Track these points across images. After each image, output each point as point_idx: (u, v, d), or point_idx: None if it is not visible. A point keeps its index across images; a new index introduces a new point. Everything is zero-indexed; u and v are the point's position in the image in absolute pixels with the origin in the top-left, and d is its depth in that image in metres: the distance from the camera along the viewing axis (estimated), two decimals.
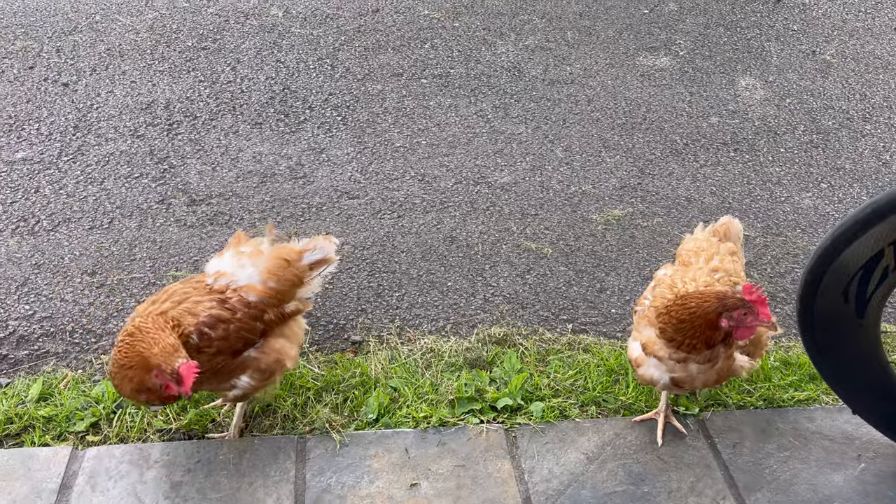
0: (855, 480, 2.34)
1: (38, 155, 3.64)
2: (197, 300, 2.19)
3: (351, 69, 4.45)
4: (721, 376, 2.24)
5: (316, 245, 2.42)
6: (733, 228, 2.58)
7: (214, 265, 2.33)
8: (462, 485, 2.27)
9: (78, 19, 4.76)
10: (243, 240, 2.41)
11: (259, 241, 2.39)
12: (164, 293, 2.24)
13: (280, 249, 2.36)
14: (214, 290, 2.24)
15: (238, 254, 2.32)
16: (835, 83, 4.59)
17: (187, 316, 2.15)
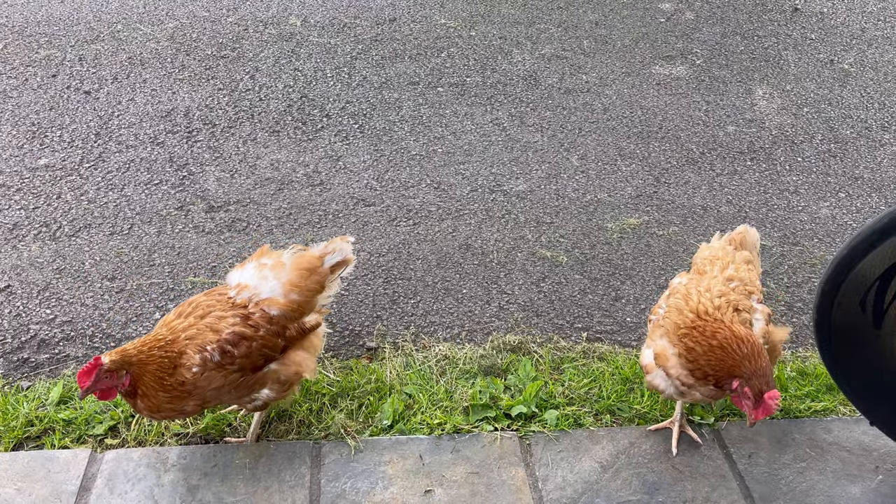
0: (872, 492, 2.32)
1: (60, 161, 3.70)
2: (220, 315, 2.20)
3: (368, 78, 4.49)
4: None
5: (335, 248, 2.43)
6: (750, 237, 2.57)
7: (236, 277, 2.33)
8: (476, 492, 2.27)
9: (100, 28, 4.84)
10: (266, 252, 2.41)
11: (280, 253, 2.39)
12: (189, 305, 2.25)
13: (301, 259, 2.36)
14: (237, 305, 2.24)
15: (260, 266, 2.33)
16: (853, 92, 4.56)
17: (208, 333, 2.17)
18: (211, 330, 2.16)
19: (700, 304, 2.25)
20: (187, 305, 2.25)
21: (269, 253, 2.40)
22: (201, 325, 2.17)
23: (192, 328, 2.17)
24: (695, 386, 2.20)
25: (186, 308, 2.23)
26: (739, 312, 2.28)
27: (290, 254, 2.37)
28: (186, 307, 2.24)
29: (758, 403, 2.04)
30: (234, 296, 2.26)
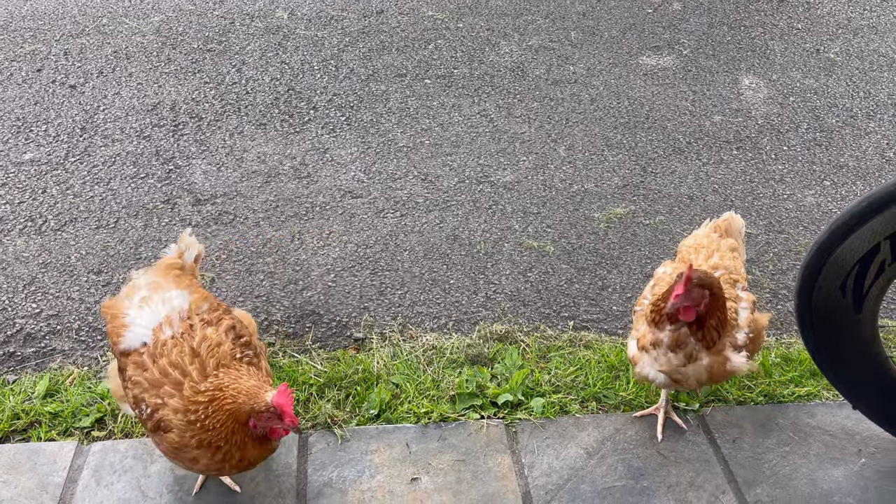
0: (855, 476, 2.34)
1: (45, 156, 3.69)
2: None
3: (355, 70, 4.48)
4: (715, 374, 2.24)
5: (188, 244, 2.27)
6: (735, 224, 2.58)
7: (146, 318, 2.06)
8: (462, 479, 2.29)
9: (85, 22, 4.81)
10: (135, 288, 2.16)
11: (144, 272, 2.20)
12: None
13: (166, 266, 2.20)
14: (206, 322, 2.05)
15: (148, 297, 2.10)
16: (839, 81, 4.58)
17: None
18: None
19: None
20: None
21: (137, 287, 2.14)
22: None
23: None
24: (661, 340, 2.20)
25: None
26: (727, 301, 2.29)
27: (148, 270, 2.20)
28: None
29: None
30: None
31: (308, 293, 3.02)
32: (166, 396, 1.92)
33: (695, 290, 2.09)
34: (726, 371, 2.24)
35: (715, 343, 2.19)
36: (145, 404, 1.94)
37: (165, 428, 1.91)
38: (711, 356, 2.20)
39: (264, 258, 3.18)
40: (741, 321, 2.28)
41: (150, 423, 1.94)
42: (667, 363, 2.22)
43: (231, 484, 2.22)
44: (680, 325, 2.17)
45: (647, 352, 2.25)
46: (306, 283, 3.07)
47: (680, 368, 2.22)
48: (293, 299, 2.99)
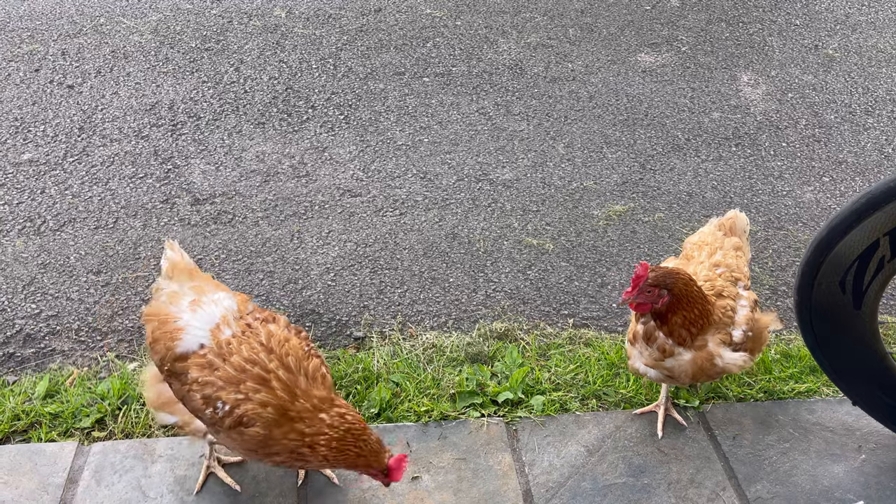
0: (855, 472, 2.34)
1: (43, 156, 3.68)
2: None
3: (353, 68, 4.48)
4: (704, 370, 2.23)
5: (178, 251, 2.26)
6: (739, 222, 2.56)
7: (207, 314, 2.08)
8: (463, 477, 2.29)
9: (83, 22, 4.81)
10: (203, 292, 2.15)
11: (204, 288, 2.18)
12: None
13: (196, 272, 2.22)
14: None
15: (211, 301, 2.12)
16: (837, 77, 4.58)
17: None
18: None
19: None
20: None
21: (181, 292, 2.14)
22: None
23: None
24: (638, 334, 2.23)
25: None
26: (723, 298, 2.29)
27: (173, 275, 2.19)
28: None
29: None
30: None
31: (307, 292, 3.02)
32: (251, 392, 1.92)
33: (647, 289, 2.12)
34: (716, 367, 2.23)
35: (686, 341, 2.19)
36: (221, 402, 1.92)
37: (248, 423, 1.91)
38: (693, 352, 2.20)
39: (263, 257, 3.18)
40: (738, 318, 2.28)
41: (230, 419, 1.92)
42: (648, 356, 2.25)
43: (232, 483, 2.22)
44: (648, 318, 2.20)
45: (633, 345, 2.28)
46: (306, 282, 3.07)
47: (662, 363, 2.23)
48: (293, 298, 2.99)
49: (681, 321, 2.17)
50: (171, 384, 2.04)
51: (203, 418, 1.98)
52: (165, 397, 2.10)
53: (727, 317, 2.26)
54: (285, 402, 1.92)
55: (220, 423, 1.94)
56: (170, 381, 2.04)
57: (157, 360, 2.06)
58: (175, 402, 2.07)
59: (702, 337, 2.20)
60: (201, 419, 2.00)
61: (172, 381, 2.03)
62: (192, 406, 1.99)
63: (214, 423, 1.95)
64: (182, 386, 1.99)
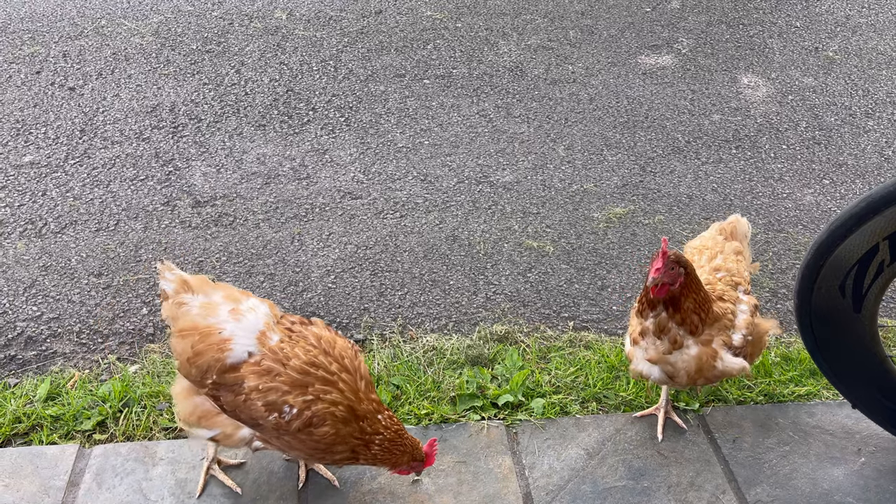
0: (855, 475, 2.35)
1: (45, 158, 3.69)
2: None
3: (354, 71, 4.48)
4: (704, 368, 2.23)
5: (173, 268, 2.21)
6: (740, 227, 2.56)
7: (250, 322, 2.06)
8: (463, 480, 2.29)
9: (84, 24, 4.81)
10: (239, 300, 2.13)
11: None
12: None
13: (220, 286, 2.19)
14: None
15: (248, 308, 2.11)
16: (837, 79, 4.59)
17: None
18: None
19: None
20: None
21: (216, 302, 2.10)
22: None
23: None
24: (648, 328, 2.24)
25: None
26: (724, 301, 2.29)
27: (198, 287, 2.14)
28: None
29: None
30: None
31: (308, 294, 3.03)
32: (321, 393, 1.95)
33: (672, 266, 2.13)
34: (716, 367, 2.23)
35: (697, 328, 2.20)
36: (289, 406, 1.93)
37: (318, 423, 1.94)
38: (699, 345, 2.21)
39: (264, 260, 3.18)
40: (738, 322, 2.28)
41: (298, 422, 1.94)
42: (654, 351, 2.25)
43: (233, 485, 2.23)
44: (659, 311, 2.21)
45: (638, 344, 2.28)
46: (306, 284, 3.07)
47: (668, 357, 2.23)
48: (293, 301, 3.00)
49: (692, 305, 2.18)
50: (217, 397, 2.00)
51: (264, 425, 1.96)
52: (202, 410, 2.05)
53: (727, 319, 2.27)
54: (352, 402, 1.98)
55: (287, 426, 1.94)
56: (215, 393, 1.99)
57: (198, 374, 2.00)
58: (214, 415, 2.04)
59: (708, 331, 2.22)
60: (260, 426, 1.98)
61: (221, 392, 1.98)
62: (249, 415, 1.96)
63: (279, 427, 1.95)
64: (236, 396, 1.96)
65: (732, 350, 2.24)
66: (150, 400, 2.51)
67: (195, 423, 2.07)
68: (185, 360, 2.01)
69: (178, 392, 2.10)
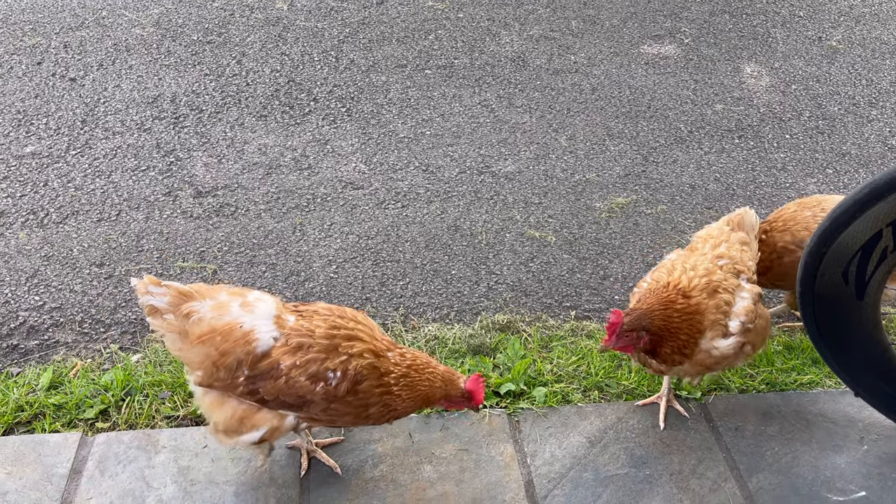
0: (857, 462, 2.35)
1: (46, 149, 3.69)
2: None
3: (355, 61, 4.47)
4: (708, 366, 2.25)
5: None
6: (748, 219, 2.52)
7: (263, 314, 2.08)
8: (465, 468, 2.29)
9: (85, 15, 4.80)
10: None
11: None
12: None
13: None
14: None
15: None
16: (841, 69, 4.56)
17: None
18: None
19: (680, 280, 2.25)
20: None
21: (225, 301, 2.08)
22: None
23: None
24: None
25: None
26: (718, 294, 2.24)
27: (208, 294, 2.11)
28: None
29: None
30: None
31: (310, 284, 3.03)
32: (349, 349, 2.01)
33: (625, 335, 2.16)
34: (713, 356, 2.23)
35: (681, 363, 2.22)
36: (331, 371, 1.98)
37: (360, 379, 1.99)
38: (688, 362, 2.23)
39: (266, 250, 3.18)
40: (736, 309, 2.25)
41: (345, 383, 1.98)
42: (650, 369, 2.30)
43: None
44: (638, 351, 2.24)
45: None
46: (308, 274, 3.07)
47: (662, 369, 2.28)
48: (295, 290, 3.00)
49: (670, 350, 2.19)
50: (255, 391, 1.99)
51: (312, 399, 1.99)
52: (242, 411, 2.03)
53: (722, 312, 2.23)
54: (373, 345, 2.04)
55: (336, 392, 1.98)
56: (252, 387, 1.99)
57: (227, 375, 1.99)
58: (255, 412, 2.03)
59: (693, 351, 2.21)
60: (307, 403, 2.00)
61: (258, 383, 1.98)
62: (295, 393, 1.97)
63: (328, 396, 1.99)
64: (276, 380, 1.97)
65: (727, 336, 2.23)
66: (153, 389, 2.52)
67: (237, 427, 2.04)
68: (211, 364, 1.99)
69: (209, 404, 2.06)
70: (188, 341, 2.02)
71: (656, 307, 2.16)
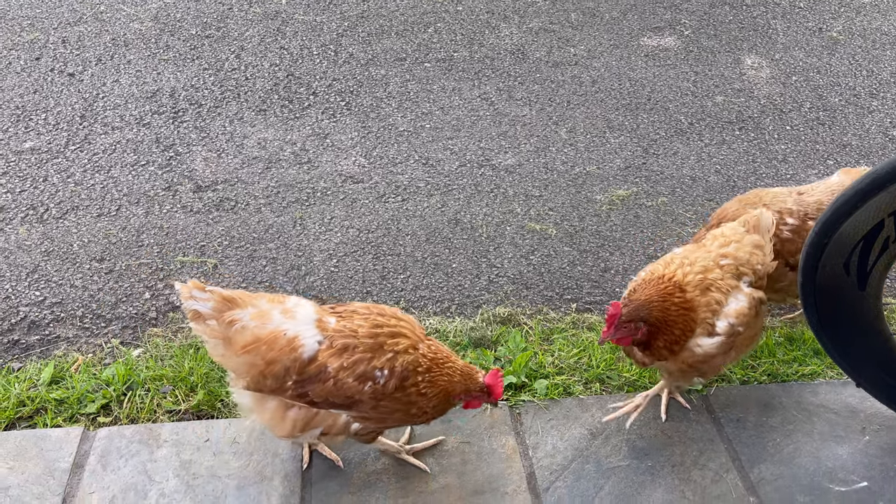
0: (859, 453, 2.35)
1: (45, 144, 3.68)
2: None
3: (354, 54, 4.46)
4: (685, 363, 2.21)
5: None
6: (764, 221, 2.41)
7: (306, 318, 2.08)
8: (467, 461, 2.29)
9: (83, 10, 4.79)
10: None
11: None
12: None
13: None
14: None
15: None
16: (841, 60, 4.55)
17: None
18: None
19: (675, 273, 2.22)
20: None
21: (266, 309, 2.08)
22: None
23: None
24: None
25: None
26: (709, 293, 2.20)
27: (249, 302, 2.09)
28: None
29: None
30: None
31: (311, 278, 3.02)
32: (394, 346, 2.02)
33: (623, 326, 2.14)
34: (696, 356, 2.20)
35: (666, 358, 2.20)
36: (379, 371, 1.99)
37: (407, 376, 2.00)
38: (672, 359, 2.21)
39: (266, 244, 3.18)
40: (727, 310, 2.20)
41: (393, 380, 2.00)
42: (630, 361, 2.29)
43: (421, 465, 2.26)
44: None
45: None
46: (309, 268, 3.07)
47: (644, 367, 2.27)
48: (296, 284, 2.99)
49: (663, 344, 2.17)
50: (304, 394, 2.00)
51: (360, 399, 1.99)
52: (303, 419, 2.04)
53: (711, 310, 2.19)
54: (415, 340, 2.06)
55: (384, 390, 1.99)
56: (301, 391, 2.00)
57: (275, 382, 1.99)
58: (314, 416, 2.04)
59: (680, 348, 2.19)
60: (356, 403, 2.00)
61: (307, 387, 1.99)
62: (343, 394, 1.98)
63: (376, 395, 2.00)
64: (324, 383, 1.98)
65: (712, 336, 2.19)
66: (154, 383, 2.52)
67: (300, 432, 2.07)
68: (258, 373, 1.99)
69: (270, 418, 2.06)
70: (231, 349, 2.00)
71: (655, 298, 2.15)
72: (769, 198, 2.58)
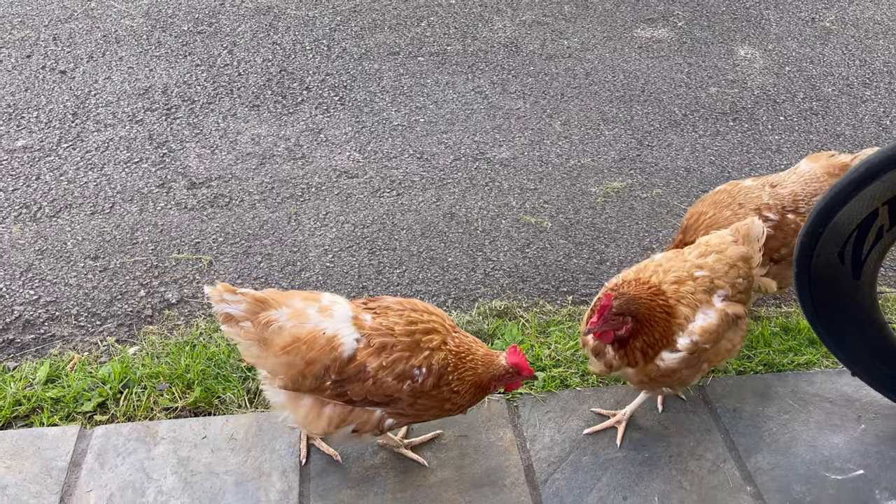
0: (855, 441, 2.36)
1: (37, 142, 3.66)
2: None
3: (347, 49, 4.44)
4: (647, 376, 2.18)
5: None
6: (753, 230, 2.32)
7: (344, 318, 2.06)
8: (465, 454, 2.30)
9: (74, 7, 4.76)
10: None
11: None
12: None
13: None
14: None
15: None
16: (834, 50, 4.55)
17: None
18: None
19: (650, 279, 2.20)
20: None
21: (302, 308, 2.05)
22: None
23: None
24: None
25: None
26: (679, 306, 2.15)
27: (285, 302, 2.07)
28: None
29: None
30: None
31: (306, 274, 3.02)
32: (429, 343, 2.01)
33: (612, 318, 2.10)
34: (659, 368, 2.16)
35: (637, 363, 2.15)
36: (417, 369, 1.99)
37: (445, 374, 2.01)
38: (634, 369, 2.17)
39: (261, 240, 3.17)
40: (693, 327, 2.13)
41: (431, 378, 1.99)
42: (595, 366, 2.25)
43: (420, 459, 2.26)
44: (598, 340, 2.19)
45: (584, 347, 2.26)
46: (304, 264, 3.06)
47: (608, 374, 2.23)
48: (291, 280, 2.99)
49: (640, 345, 2.13)
50: (343, 393, 1.99)
51: (398, 397, 1.99)
52: (338, 416, 2.04)
53: (678, 325, 2.14)
54: (446, 332, 2.06)
55: (422, 388, 1.99)
56: (340, 390, 1.99)
57: (314, 382, 1.97)
58: (349, 413, 2.03)
59: (651, 358, 2.15)
60: (394, 400, 2.00)
61: (346, 386, 1.98)
62: (382, 392, 1.98)
63: (415, 393, 2.00)
64: (363, 382, 1.97)
65: (673, 351, 2.15)
66: (150, 380, 2.51)
67: (335, 429, 2.07)
68: (297, 373, 1.97)
69: (306, 415, 2.04)
70: (269, 350, 1.97)
71: (643, 295, 2.12)
72: (742, 196, 2.53)
